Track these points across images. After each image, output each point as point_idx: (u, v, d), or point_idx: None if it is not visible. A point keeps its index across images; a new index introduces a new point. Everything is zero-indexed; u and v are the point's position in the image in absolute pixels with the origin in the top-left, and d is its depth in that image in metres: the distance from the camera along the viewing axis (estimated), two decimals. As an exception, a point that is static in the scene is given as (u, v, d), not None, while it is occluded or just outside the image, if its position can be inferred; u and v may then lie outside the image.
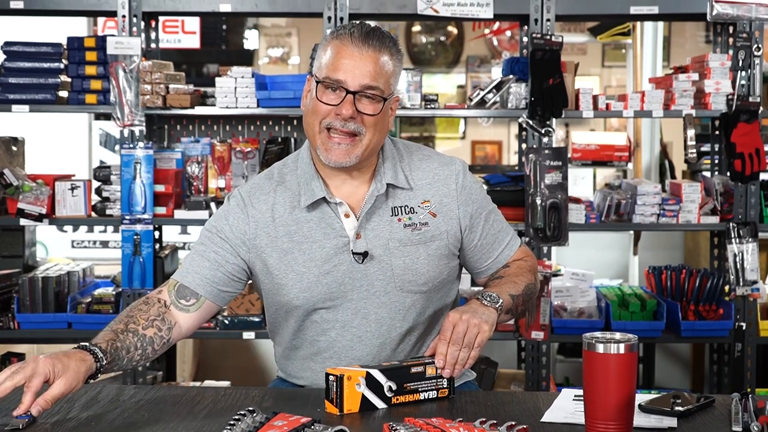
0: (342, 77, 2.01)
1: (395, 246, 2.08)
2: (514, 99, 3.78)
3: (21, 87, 3.74)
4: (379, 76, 2.03)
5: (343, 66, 2.02)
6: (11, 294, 3.84)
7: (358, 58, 2.02)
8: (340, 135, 2.03)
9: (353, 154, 2.04)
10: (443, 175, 2.15)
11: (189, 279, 2.11)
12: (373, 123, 2.04)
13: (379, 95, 2.04)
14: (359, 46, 2.02)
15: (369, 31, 2.04)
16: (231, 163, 3.92)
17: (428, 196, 2.13)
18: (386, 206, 2.11)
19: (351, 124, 2.02)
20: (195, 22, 6.36)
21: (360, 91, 2.02)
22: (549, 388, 3.81)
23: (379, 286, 2.08)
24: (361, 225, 2.08)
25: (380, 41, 2.04)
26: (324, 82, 2.03)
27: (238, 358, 5.04)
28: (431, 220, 2.12)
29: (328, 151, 2.04)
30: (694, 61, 3.89)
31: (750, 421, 1.75)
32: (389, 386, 1.90)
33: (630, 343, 1.65)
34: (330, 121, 2.03)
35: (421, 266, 2.10)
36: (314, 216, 2.09)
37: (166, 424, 1.81)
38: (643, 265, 4.85)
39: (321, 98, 2.04)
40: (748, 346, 3.79)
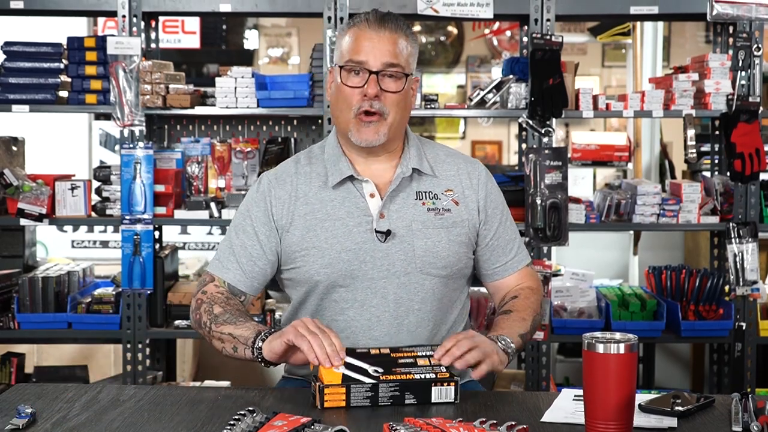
0: (364, 58, 2.11)
1: (418, 228, 2.16)
2: (514, 99, 3.78)
3: (21, 87, 3.74)
4: (398, 55, 2.13)
5: (363, 48, 2.12)
6: (11, 294, 3.84)
7: (377, 40, 2.12)
8: (368, 116, 2.13)
9: (381, 132, 2.13)
10: (467, 170, 2.27)
11: (233, 278, 2.19)
12: (396, 101, 2.14)
13: (400, 72, 2.14)
14: (376, 29, 2.13)
15: (384, 15, 2.16)
16: (231, 163, 3.92)
17: (452, 185, 2.23)
18: (411, 189, 2.19)
19: (376, 104, 2.12)
20: (195, 22, 6.36)
21: (382, 70, 2.12)
22: (549, 388, 3.81)
23: (399, 266, 2.14)
24: (385, 205, 2.16)
25: (395, 23, 2.15)
26: (346, 66, 2.13)
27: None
28: (454, 207, 2.20)
29: (359, 132, 2.14)
30: (694, 61, 3.89)
31: (750, 421, 1.75)
32: (375, 370, 1.90)
33: (630, 343, 1.65)
34: (359, 106, 2.13)
35: (442, 249, 2.16)
36: (339, 195, 2.17)
37: (166, 424, 1.81)
38: (643, 265, 4.85)
39: (346, 82, 2.14)
40: (748, 346, 3.79)
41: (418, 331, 2.16)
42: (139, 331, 3.77)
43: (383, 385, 1.89)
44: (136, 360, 3.78)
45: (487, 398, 1.99)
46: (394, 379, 1.89)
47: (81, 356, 4.54)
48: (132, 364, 3.78)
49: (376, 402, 1.90)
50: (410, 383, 1.90)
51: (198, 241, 5.66)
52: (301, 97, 3.75)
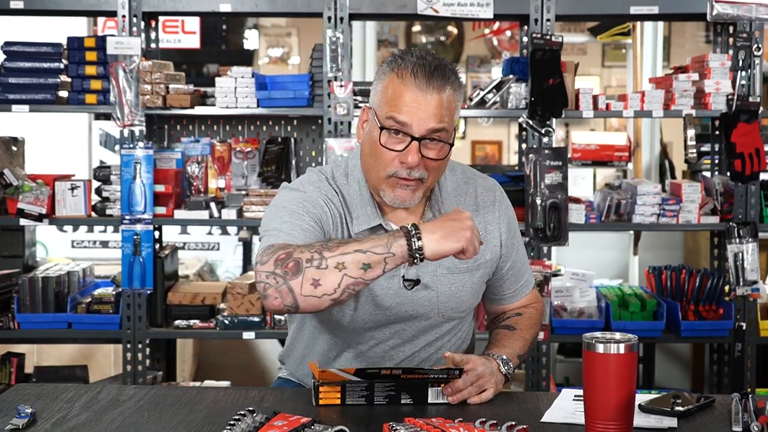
0: (407, 120, 1.93)
1: (443, 273, 2.07)
2: (514, 99, 3.78)
3: (21, 87, 3.74)
4: (444, 116, 1.95)
5: (406, 109, 1.93)
6: (11, 294, 3.84)
7: (423, 101, 1.93)
8: (406, 181, 1.97)
9: (416, 196, 2.00)
10: (488, 201, 2.15)
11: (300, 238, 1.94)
12: (436, 166, 1.99)
13: (444, 138, 1.97)
14: (423, 88, 1.93)
15: (433, 69, 1.94)
16: (231, 163, 3.92)
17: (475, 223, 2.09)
18: None
19: (416, 172, 1.96)
20: (195, 22, 6.36)
21: (425, 137, 1.94)
22: (549, 388, 3.81)
23: (422, 311, 2.09)
24: None
25: (443, 78, 1.95)
26: (387, 127, 1.95)
27: (238, 358, 5.04)
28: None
29: (393, 192, 1.98)
30: (694, 61, 3.89)
31: (750, 421, 1.75)
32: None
33: (630, 343, 1.65)
34: (395, 170, 1.96)
35: (465, 294, 2.11)
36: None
37: (166, 424, 1.81)
38: (643, 265, 4.85)
39: (385, 143, 1.95)
40: (748, 346, 3.79)
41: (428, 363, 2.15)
42: (139, 331, 3.77)
43: (379, 385, 1.89)
44: (136, 360, 3.78)
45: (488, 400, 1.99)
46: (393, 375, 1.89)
47: (81, 356, 4.54)
48: (132, 364, 3.78)
49: (372, 401, 1.90)
50: (406, 384, 1.90)
51: (198, 241, 5.66)
52: (301, 97, 3.75)
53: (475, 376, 1.96)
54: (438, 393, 1.92)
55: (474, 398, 1.95)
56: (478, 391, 1.96)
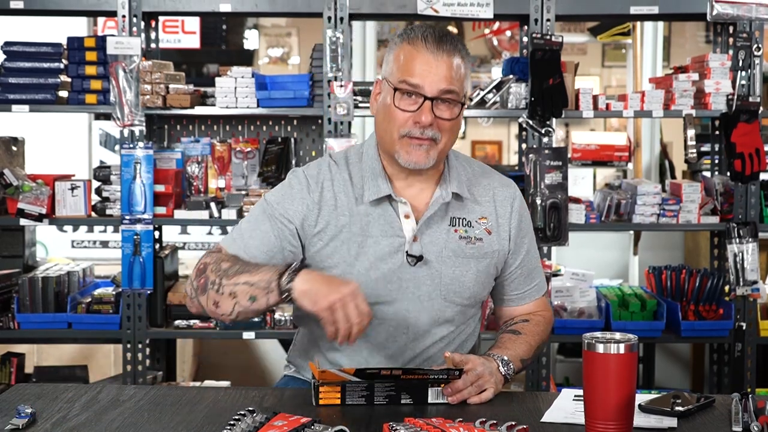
0: (419, 82, 2.01)
1: (448, 255, 2.10)
2: (514, 99, 3.78)
3: (21, 87, 3.74)
4: (454, 80, 2.03)
5: (418, 71, 2.01)
6: (11, 294, 3.83)
7: (434, 64, 2.02)
8: (419, 140, 2.04)
9: (431, 156, 2.06)
10: (502, 196, 2.19)
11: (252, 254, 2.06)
12: (449, 127, 2.06)
13: (455, 99, 2.05)
14: (434, 51, 2.02)
15: (442, 35, 2.04)
16: (231, 163, 3.92)
17: (486, 213, 2.16)
18: (446, 215, 2.12)
19: (429, 131, 2.03)
20: (195, 22, 6.36)
21: (437, 97, 2.02)
22: (549, 388, 3.81)
23: (424, 290, 2.10)
24: (420, 229, 2.09)
25: (453, 44, 2.04)
26: (400, 89, 2.03)
27: (238, 358, 5.04)
28: (486, 237, 2.15)
29: (408, 154, 2.05)
30: (694, 61, 3.89)
31: (750, 421, 1.75)
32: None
33: (630, 343, 1.65)
34: (408, 130, 2.04)
35: (469, 280, 2.13)
36: (375, 212, 2.09)
37: (166, 424, 1.81)
38: (643, 265, 4.85)
39: (398, 105, 2.04)
40: (748, 346, 3.79)
41: (430, 351, 2.15)
42: (139, 331, 3.77)
43: (379, 385, 1.89)
44: (136, 360, 3.78)
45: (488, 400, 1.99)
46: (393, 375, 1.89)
47: (81, 356, 4.54)
48: (132, 364, 3.78)
49: (372, 401, 1.90)
50: (406, 384, 1.90)
51: (198, 241, 5.66)
52: (301, 97, 3.75)
53: (475, 376, 1.96)
54: (438, 393, 1.92)
55: (474, 398, 1.94)
56: (478, 391, 1.95)
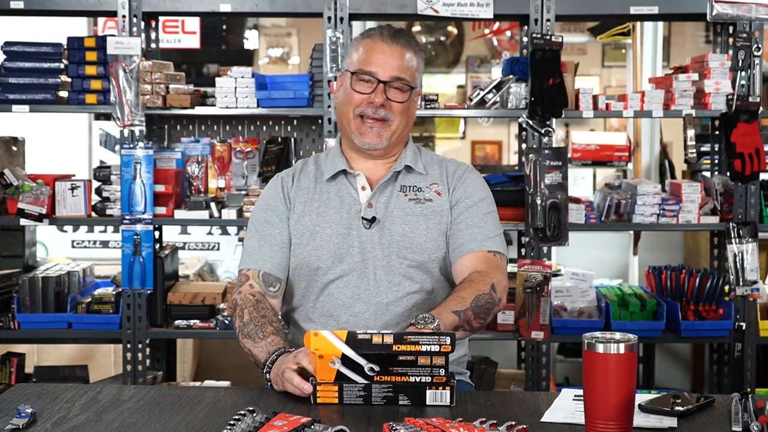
0: (374, 69, 2.31)
1: (398, 215, 2.32)
2: (514, 99, 3.78)
3: (21, 87, 3.74)
4: (405, 69, 2.32)
5: (374, 60, 2.31)
6: (11, 294, 3.84)
7: (388, 53, 2.32)
8: (372, 120, 2.31)
9: (384, 136, 2.32)
10: (453, 168, 2.43)
11: (269, 266, 2.34)
12: (400, 110, 2.33)
13: (406, 85, 2.32)
14: (388, 43, 2.32)
15: (397, 31, 2.35)
16: (231, 163, 3.92)
17: (437, 180, 2.39)
18: (397, 183, 2.36)
19: (381, 111, 2.31)
20: (195, 22, 6.36)
21: (389, 81, 2.30)
22: (549, 388, 3.81)
23: (379, 249, 2.29)
24: (374, 196, 2.34)
25: (406, 40, 2.35)
26: (357, 74, 2.32)
27: (238, 358, 5.03)
28: (436, 198, 2.36)
29: (362, 135, 2.33)
30: (694, 61, 3.89)
31: (750, 421, 1.75)
32: (370, 368, 1.89)
33: (630, 343, 1.65)
34: (362, 109, 2.31)
35: (419, 236, 2.31)
36: (334, 187, 2.37)
37: (166, 424, 1.81)
38: (643, 265, 4.85)
39: (355, 88, 2.32)
40: (748, 346, 3.79)
41: (398, 310, 2.27)
42: (139, 331, 3.77)
43: (376, 385, 1.89)
44: (136, 360, 3.78)
45: (487, 398, 1.99)
46: (388, 380, 1.89)
47: (81, 356, 4.54)
48: (132, 364, 3.78)
49: (370, 401, 1.90)
50: (404, 385, 1.89)
51: (198, 241, 5.66)
52: (301, 97, 3.75)
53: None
54: (436, 395, 1.91)
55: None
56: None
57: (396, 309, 2.27)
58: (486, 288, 2.23)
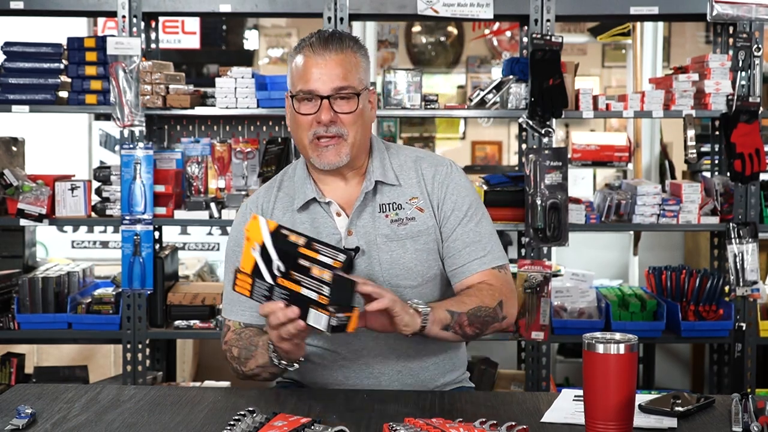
0: (313, 86, 2.10)
1: (382, 241, 2.15)
2: (514, 99, 3.78)
3: (21, 87, 3.74)
4: (347, 75, 2.11)
5: (311, 75, 2.10)
6: (11, 294, 3.84)
7: (323, 65, 2.11)
8: (327, 139, 2.12)
9: (342, 153, 2.13)
10: (431, 173, 2.22)
11: (247, 316, 2.18)
12: (352, 120, 2.13)
13: (352, 92, 2.12)
14: (321, 53, 2.11)
15: (327, 37, 2.13)
16: (231, 163, 3.92)
17: (416, 192, 2.20)
18: (375, 203, 2.18)
19: (333, 128, 2.11)
20: (195, 23, 6.36)
21: (333, 95, 2.11)
22: (549, 389, 3.81)
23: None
24: (352, 222, 2.16)
25: (340, 43, 2.13)
26: (298, 96, 2.12)
27: (238, 359, 5.03)
28: (418, 215, 2.18)
29: (320, 157, 2.13)
30: (694, 62, 3.89)
31: (750, 422, 1.75)
32: (278, 266, 1.88)
33: (630, 344, 1.65)
34: (315, 130, 2.12)
35: (409, 261, 2.15)
36: (307, 217, 2.18)
37: (166, 424, 1.81)
38: (643, 265, 4.85)
39: (299, 110, 2.13)
40: (748, 347, 3.79)
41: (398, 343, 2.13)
42: (139, 332, 3.77)
43: (277, 289, 1.88)
44: (136, 360, 3.78)
45: (487, 398, 2.00)
46: (286, 286, 1.87)
47: (81, 356, 4.54)
48: (132, 365, 3.78)
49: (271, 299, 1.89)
50: (297, 297, 1.87)
51: (198, 241, 5.66)
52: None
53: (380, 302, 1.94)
54: (316, 317, 1.85)
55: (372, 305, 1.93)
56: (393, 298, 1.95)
57: (395, 342, 2.12)
58: (492, 303, 2.13)
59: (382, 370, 2.15)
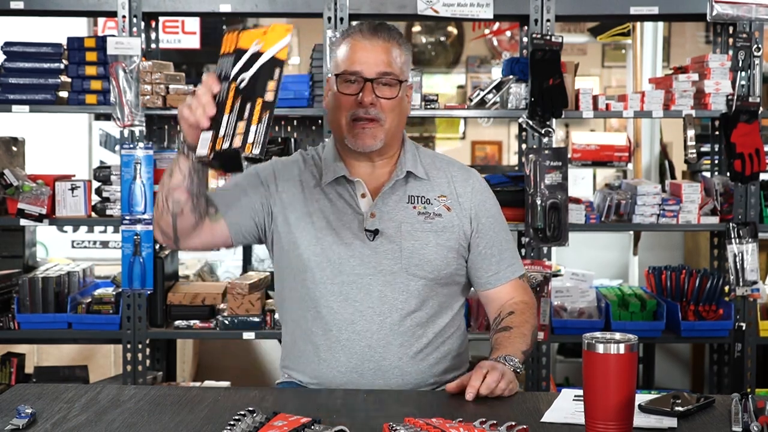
0: (358, 68, 2.18)
1: (407, 230, 2.20)
2: (514, 99, 3.78)
3: (21, 87, 3.74)
4: (392, 63, 2.20)
5: (358, 58, 2.18)
6: (11, 294, 3.84)
7: (371, 49, 2.19)
8: (365, 122, 2.19)
9: (378, 137, 2.19)
10: (462, 178, 2.30)
11: (217, 194, 2.25)
12: (391, 107, 2.20)
13: (394, 80, 2.20)
14: (370, 38, 2.20)
15: (377, 25, 2.22)
16: (231, 163, 3.91)
17: (445, 192, 2.27)
18: (404, 193, 2.24)
19: (372, 110, 2.18)
20: (195, 23, 6.36)
21: (377, 78, 2.18)
22: (549, 388, 3.81)
23: (386, 264, 2.18)
24: (377, 205, 2.22)
25: (388, 33, 2.22)
26: (343, 75, 2.19)
27: (238, 358, 5.04)
28: (445, 213, 2.25)
29: (356, 138, 2.19)
30: (694, 62, 3.89)
31: (750, 422, 1.75)
32: (242, 79, 1.96)
33: (630, 343, 1.65)
34: (354, 112, 2.18)
35: (430, 253, 2.20)
36: (333, 193, 2.24)
37: (166, 424, 1.81)
38: (643, 265, 4.85)
39: (342, 90, 2.20)
40: (748, 347, 3.79)
41: (402, 330, 2.18)
42: (139, 332, 3.77)
43: (224, 87, 1.96)
44: (136, 360, 3.78)
45: (487, 398, 1.99)
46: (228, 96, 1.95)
47: (81, 356, 4.54)
48: (132, 365, 3.78)
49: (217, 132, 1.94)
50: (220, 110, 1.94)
51: (198, 241, 5.65)
52: (301, 98, 3.75)
53: (481, 371, 1.99)
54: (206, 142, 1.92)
55: (501, 384, 1.98)
56: (493, 382, 1.98)
57: (404, 330, 2.18)
58: (535, 321, 2.27)
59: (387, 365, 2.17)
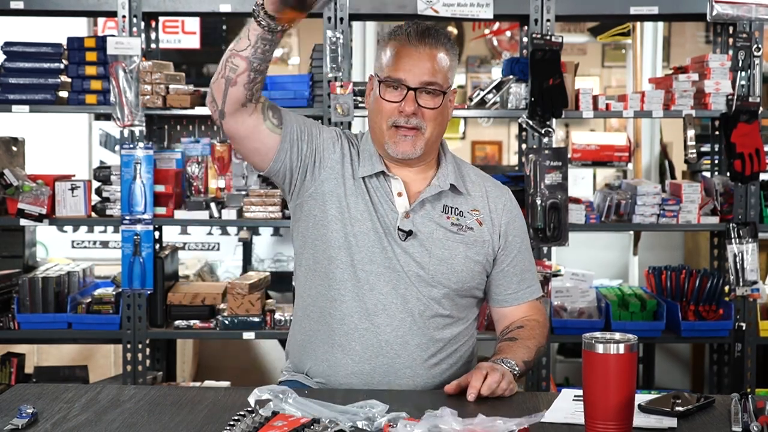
0: (402, 76, 2.14)
1: (438, 237, 2.19)
2: (514, 99, 3.78)
3: (21, 87, 3.74)
4: (437, 72, 2.16)
5: (402, 65, 2.14)
6: (11, 294, 3.84)
7: (416, 57, 2.15)
8: (406, 130, 2.16)
9: (418, 146, 2.17)
10: (495, 194, 2.29)
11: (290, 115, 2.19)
12: (433, 116, 2.17)
13: (438, 89, 2.17)
14: (416, 45, 2.15)
15: (424, 30, 2.17)
16: (231, 163, 3.91)
17: (478, 206, 2.26)
18: (439, 202, 2.22)
19: (413, 120, 2.15)
20: (195, 23, 6.36)
21: (420, 88, 2.14)
22: (549, 388, 3.81)
23: (413, 267, 2.17)
24: (414, 208, 2.19)
25: (435, 39, 2.17)
26: (386, 82, 2.16)
27: (238, 358, 5.04)
28: (477, 227, 2.24)
29: (396, 144, 2.17)
30: (694, 62, 3.89)
31: (750, 422, 1.75)
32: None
33: (630, 343, 1.65)
34: (395, 119, 2.16)
35: (458, 264, 2.20)
36: (371, 186, 2.20)
37: (166, 424, 1.81)
38: (643, 265, 4.85)
39: (384, 96, 2.17)
40: (748, 347, 3.79)
41: (420, 332, 2.17)
42: (139, 332, 3.77)
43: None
44: (136, 360, 3.78)
45: (488, 398, 1.99)
46: None
47: (81, 356, 4.54)
48: (132, 365, 3.78)
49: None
50: None
51: (198, 241, 5.66)
52: (301, 98, 3.75)
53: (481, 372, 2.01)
54: None
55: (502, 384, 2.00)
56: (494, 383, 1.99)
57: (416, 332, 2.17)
58: (543, 339, 2.26)
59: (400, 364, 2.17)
